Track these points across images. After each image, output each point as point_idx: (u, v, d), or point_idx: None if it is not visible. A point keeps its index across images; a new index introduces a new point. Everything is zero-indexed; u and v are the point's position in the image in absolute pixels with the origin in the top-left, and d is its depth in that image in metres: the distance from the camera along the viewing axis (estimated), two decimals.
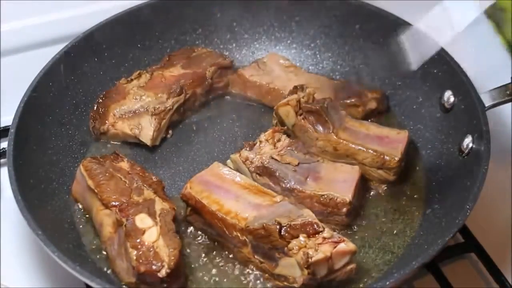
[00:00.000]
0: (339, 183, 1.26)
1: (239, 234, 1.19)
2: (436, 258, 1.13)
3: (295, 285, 1.15)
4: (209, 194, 1.24)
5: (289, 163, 1.29)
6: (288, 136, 1.35)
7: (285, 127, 1.37)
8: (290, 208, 1.19)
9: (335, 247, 1.12)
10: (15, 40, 1.59)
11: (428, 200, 1.32)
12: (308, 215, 1.17)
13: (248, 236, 1.17)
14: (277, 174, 1.28)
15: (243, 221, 1.18)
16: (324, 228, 1.14)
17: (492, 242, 1.30)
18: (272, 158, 1.29)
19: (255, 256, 1.19)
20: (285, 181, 1.27)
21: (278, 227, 1.14)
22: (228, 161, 1.34)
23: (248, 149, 1.31)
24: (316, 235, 1.14)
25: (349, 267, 1.15)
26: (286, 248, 1.14)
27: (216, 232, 1.23)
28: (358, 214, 1.29)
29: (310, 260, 1.11)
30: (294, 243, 1.13)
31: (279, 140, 1.32)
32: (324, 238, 1.13)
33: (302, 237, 1.13)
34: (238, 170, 1.31)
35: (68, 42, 1.44)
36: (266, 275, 1.19)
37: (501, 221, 1.36)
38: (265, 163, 1.29)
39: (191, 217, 1.26)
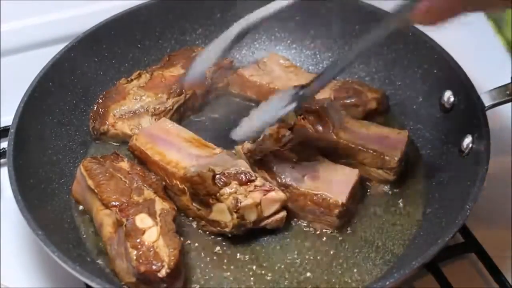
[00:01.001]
0: (335, 184, 1.26)
1: (178, 182, 1.25)
2: (436, 258, 1.13)
3: (226, 229, 1.21)
4: (153, 146, 1.32)
5: (288, 159, 1.29)
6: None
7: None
8: (226, 158, 1.26)
9: (265, 194, 1.20)
10: (15, 40, 1.59)
11: (428, 200, 1.31)
12: (243, 165, 1.23)
13: (186, 184, 1.24)
14: (275, 169, 1.28)
15: (182, 170, 1.24)
16: (256, 178, 1.21)
17: (492, 242, 1.29)
18: (272, 153, 1.29)
19: (193, 204, 1.24)
20: (282, 177, 1.27)
21: (212, 174, 1.20)
22: (232, 151, 1.34)
23: (251, 141, 1.31)
24: (248, 183, 1.20)
25: (279, 216, 1.21)
26: (218, 194, 1.19)
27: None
28: (352, 217, 1.28)
29: (239, 205, 1.17)
30: (226, 190, 1.19)
31: (283, 136, 1.32)
32: (256, 186, 1.20)
33: (234, 184, 1.20)
34: None
35: (68, 42, 1.44)
36: (203, 222, 1.24)
37: (501, 221, 1.36)
38: (265, 157, 1.29)
39: None
